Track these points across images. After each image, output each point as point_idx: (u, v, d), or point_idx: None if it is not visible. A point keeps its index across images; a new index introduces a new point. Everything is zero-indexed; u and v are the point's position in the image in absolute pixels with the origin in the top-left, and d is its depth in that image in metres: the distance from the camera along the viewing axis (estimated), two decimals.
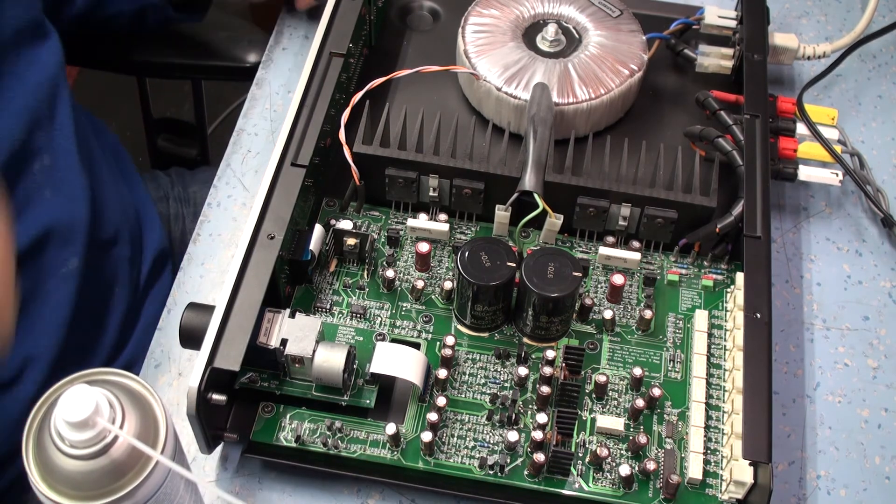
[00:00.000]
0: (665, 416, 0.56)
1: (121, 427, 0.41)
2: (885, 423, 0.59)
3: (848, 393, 0.60)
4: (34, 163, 0.68)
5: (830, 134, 0.67)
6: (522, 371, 0.55)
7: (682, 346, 0.58)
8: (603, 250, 0.61)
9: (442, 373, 0.55)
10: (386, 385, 0.56)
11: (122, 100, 1.46)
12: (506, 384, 0.56)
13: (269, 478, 0.56)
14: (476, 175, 0.60)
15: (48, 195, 0.68)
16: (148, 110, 1.04)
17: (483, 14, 0.68)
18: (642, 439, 0.53)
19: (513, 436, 0.53)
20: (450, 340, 0.56)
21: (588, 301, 0.59)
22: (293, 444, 0.54)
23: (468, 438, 0.55)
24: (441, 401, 0.54)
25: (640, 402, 0.55)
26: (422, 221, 0.62)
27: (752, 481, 0.51)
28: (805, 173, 0.65)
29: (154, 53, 0.95)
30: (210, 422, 0.52)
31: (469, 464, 0.54)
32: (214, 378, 0.51)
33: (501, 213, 0.61)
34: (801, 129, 0.67)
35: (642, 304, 0.60)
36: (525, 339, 0.58)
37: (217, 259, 0.65)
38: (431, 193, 0.62)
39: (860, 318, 0.63)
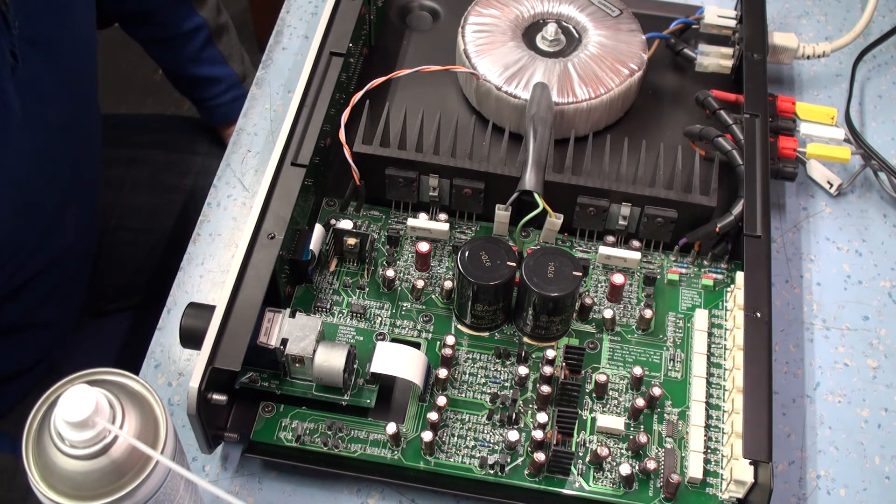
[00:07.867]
0: (665, 415, 0.56)
1: (121, 427, 0.41)
2: (885, 423, 0.59)
3: (848, 393, 0.60)
4: None
5: (833, 133, 0.67)
6: (522, 370, 0.55)
7: (683, 346, 0.58)
8: (603, 250, 0.61)
9: (442, 372, 0.55)
10: (386, 385, 0.56)
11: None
12: (506, 384, 0.56)
13: (269, 478, 0.56)
14: (476, 175, 0.60)
15: None
16: None
17: (483, 14, 0.68)
18: (642, 439, 0.53)
19: (513, 435, 0.53)
20: (450, 340, 0.56)
21: (588, 300, 0.59)
22: (293, 444, 0.54)
23: (468, 438, 0.55)
24: (441, 400, 0.54)
25: (640, 402, 0.55)
26: (422, 221, 0.62)
27: (753, 480, 0.51)
28: (814, 170, 0.67)
29: None
30: (210, 422, 0.52)
31: (469, 463, 0.54)
32: (215, 378, 0.51)
33: (501, 213, 0.61)
34: (805, 128, 0.67)
35: (642, 304, 0.60)
36: (525, 339, 0.58)
37: (217, 259, 0.65)
38: (431, 193, 0.62)
39: (860, 318, 0.63)
